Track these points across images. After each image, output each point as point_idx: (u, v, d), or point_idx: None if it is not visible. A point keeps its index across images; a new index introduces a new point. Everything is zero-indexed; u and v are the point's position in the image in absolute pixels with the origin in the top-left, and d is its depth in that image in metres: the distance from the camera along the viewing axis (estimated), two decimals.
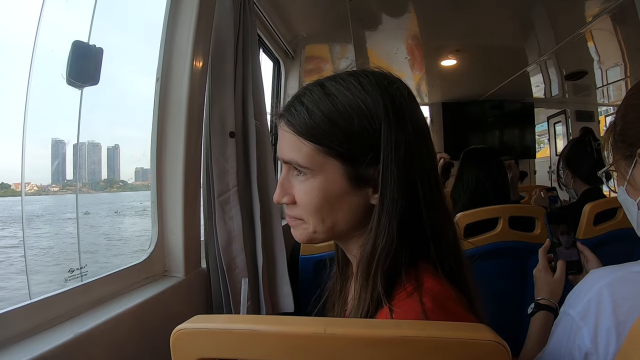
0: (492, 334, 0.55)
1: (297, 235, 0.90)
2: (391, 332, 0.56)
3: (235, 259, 1.76)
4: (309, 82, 0.88)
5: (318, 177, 0.81)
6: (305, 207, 0.84)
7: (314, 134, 0.80)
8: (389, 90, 0.81)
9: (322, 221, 0.84)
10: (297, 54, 3.47)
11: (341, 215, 0.83)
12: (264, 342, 0.60)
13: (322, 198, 0.82)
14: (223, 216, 1.75)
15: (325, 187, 0.81)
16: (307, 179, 0.83)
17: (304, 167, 0.82)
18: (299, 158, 0.82)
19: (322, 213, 0.83)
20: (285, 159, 0.85)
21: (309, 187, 0.83)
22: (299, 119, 0.82)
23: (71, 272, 1.31)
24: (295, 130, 0.82)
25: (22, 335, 1.05)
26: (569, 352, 0.90)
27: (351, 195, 0.82)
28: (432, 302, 0.70)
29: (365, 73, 0.84)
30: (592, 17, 3.08)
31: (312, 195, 0.82)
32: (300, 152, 0.82)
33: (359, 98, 0.80)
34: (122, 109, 5.16)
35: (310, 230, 0.86)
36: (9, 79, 1.66)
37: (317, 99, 0.82)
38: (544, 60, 4.15)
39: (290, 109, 0.84)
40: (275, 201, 0.88)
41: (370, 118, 0.79)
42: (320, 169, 0.81)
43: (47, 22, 1.28)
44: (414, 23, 3.27)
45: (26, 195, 3.15)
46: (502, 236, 2.02)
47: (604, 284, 0.86)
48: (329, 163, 0.80)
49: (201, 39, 1.65)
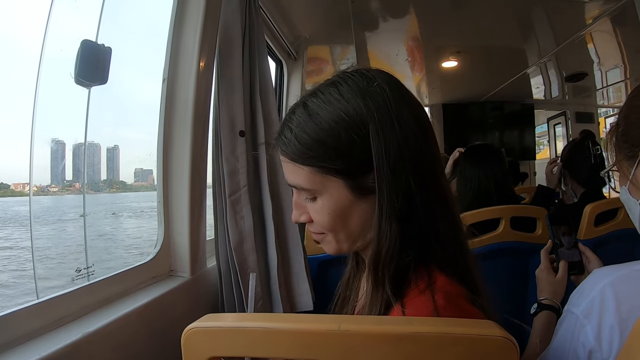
0: (501, 331, 0.56)
1: (327, 249, 0.91)
2: (403, 328, 0.57)
3: (247, 259, 1.75)
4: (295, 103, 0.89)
5: (323, 196, 0.84)
6: (320, 224, 0.86)
7: (307, 157, 0.82)
8: (369, 92, 0.81)
9: (339, 234, 0.86)
10: (300, 55, 3.47)
11: (355, 225, 0.85)
12: (277, 339, 0.61)
13: (332, 215, 0.83)
14: (234, 216, 1.75)
15: (332, 204, 0.83)
16: (314, 200, 0.85)
17: (307, 189, 0.84)
18: (301, 182, 0.84)
19: (337, 228, 0.85)
20: (290, 184, 0.88)
21: (318, 207, 0.85)
22: (290, 147, 0.84)
23: (78, 272, 1.31)
24: (290, 157, 0.84)
25: (29, 335, 1.05)
26: (574, 350, 0.91)
27: (359, 205, 0.83)
28: (444, 300, 0.71)
29: (344, 79, 0.84)
30: (593, 19, 3.09)
31: (322, 214, 0.84)
32: (300, 176, 0.84)
33: (340, 110, 0.80)
34: (123, 109, 5.15)
35: (333, 243, 0.88)
36: (16, 78, 1.66)
37: (302, 122, 0.83)
38: (544, 61, 4.15)
39: (281, 137, 0.86)
40: (294, 221, 0.91)
41: (355, 127, 0.79)
42: (323, 188, 0.83)
43: (56, 22, 1.28)
44: (415, 25, 3.28)
45: (24, 196, 3.15)
46: (503, 236, 2.02)
47: (607, 282, 0.87)
48: (329, 181, 0.82)
49: (207, 39, 1.65)
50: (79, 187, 3.03)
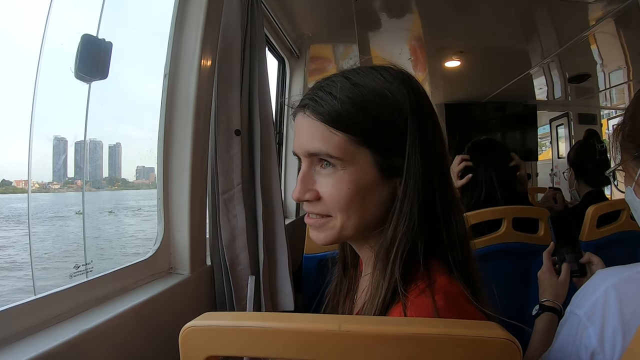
0: (503, 332, 0.56)
1: (323, 237, 0.86)
2: (403, 329, 0.57)
3: (239, 257, 1.76)
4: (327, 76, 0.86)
5: (348, 169, 0.80)
6: (333, 201, 0.81)
7: (346, 123, 0.79)
8: (411, 83, 0.82)
9: (352, 215, 0.82)
10: (302, 53, 3.47)
11: (370, 209, 0.82)
12: (276, 339, 0.60)
13: (353, 190, 0.80)
14: (227, 214, 1.75)
15: (357, 178, 0.80)
16: (336, 171, 0.81)
17: (335, 157, 0.80)
18: (329, 148, 0.79)
19: (353, 207, 0.81)
20: (311, 150, 0.82)
21: (338, 180, 0.80)
22: (328, 108, 0.80)
23: (77, 268, 1.30)
24: (324, 119, 0.80)
25: (26, 332, 1.04)
26: (576, 352, 0.91)
27: (380, 187, 0.81)
28: (444, 300, 0.70)
29: (386, 68, 0.84)
30: (596, 20, 3.08)
31: (342, 188, 0.80)
32: (330, 142, 0.80)
33: (385, 88, 0.80)
34: (125, 106, 5.14)
35: (337, 227, 0.83)
36: (17, 74, 1.66)
37: (344, 88, 0.80)
38: (547, 62, 4.15)
39: (316, 99, 0.82)
40: (296, 199, 0.85)
41: (397, 107, 0.79)
42: (352, 160, 0.79)
43: (56, 16, 1.28)
44: (418, 24, 3.27)
45: (24, 193, 3.14)
46: (505, 237, 2.02)
47: (610, 284, 0.87)
48: (360, 153, 0.79)
49: (209, 36, 1.65)
50: (80, 185, 3.02)
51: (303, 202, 0.86)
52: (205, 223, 1.75)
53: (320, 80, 0.86)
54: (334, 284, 1.06)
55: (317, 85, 0.85)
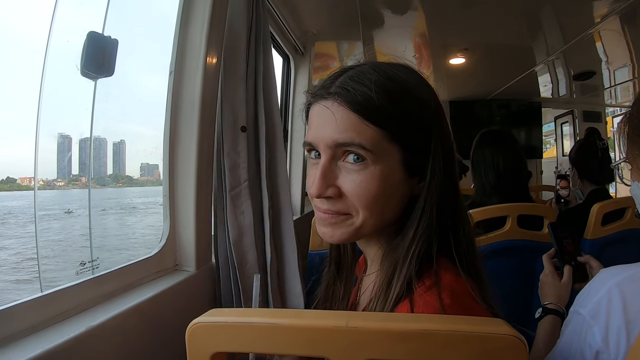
0: (510, 329, 0.56)
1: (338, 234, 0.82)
2: (411, 325, 0.57)
3: (247, 254, 1.75)
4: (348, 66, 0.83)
5: (379, 165, 0.77)
6: (360, 199, 0.77)
7: (380, 116, 0.75)
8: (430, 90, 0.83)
9: (375, 214, 0.79)
10: (307, 50, 3.46)
11: (392, 207, 0.81)
12: (283, 335, 0.60)
13: (381, 188, 0.77)
14: (234, 210, 1.75)
15: (386, 175, 0.77)
16: (366, 167, 0.77)
17: (368, 150, 0.76)
18: (363, 140, 0.75)
19: (378, 205, 0.78)
20: (341, 140, 0.77)
21: (367, 176, 0.77)
22: (363, 99, 0.76)
23: (82, 265, 1.31)
24: (358, 110, 0.76)
25: (33, 328, 1.05)
26: (580, 351, 0.91)
27: (403, 185, 0.80)
28: (451, 298, 0.70)
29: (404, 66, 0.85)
30: (601, 17, 3.07)
31: (371, 185, 0.77)
32: (363, 134, 0.76)
33: (412, 85, 0.80)
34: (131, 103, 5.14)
35: (357, 225, 0.80)
36: (22, 71, 1.66)
37: (378, 80, 0.77)
38: (552, 60, 4.13)
39: (348, 89, 0.77)
40: (316, 195, 0.79)
41: (426, 105, 0.79)
42: (382, 156, 0.77)
43: (62, 13, 1.28)
44: (423, 21, 3.27)
45: (26, 190, 3.15)
46: (510, 235, 2.02)
47: (614, 282, 0.87)
48: (391, 149, 0.77)
49: (214, 33, 1.65)
50: (85, 182, 3.03)
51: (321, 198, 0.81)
52: (211, 220, 1.75)
53: (345, 69, 0.82)
54: (325, 285, 1.03)
55: (344, 73, 0.81)
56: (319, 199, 0.81)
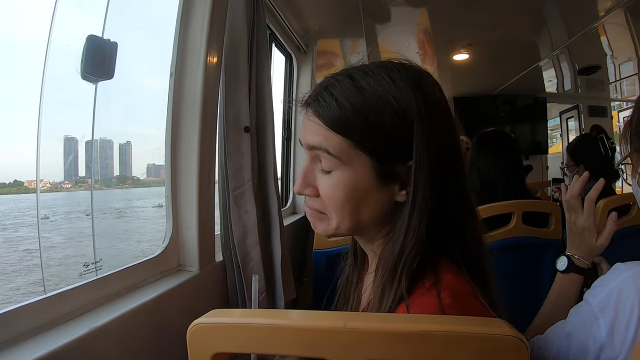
0: (511, 329, 0.55)
1: (320, 229, 0.88)
2: (411, 326, 0.56)
3: (250, 253, 1.76)
4: (335, 72, 0.85)
5: (345, 171, 0.80)
6: (329, 202, 0.83)
7: (344, 127, 0.79)
8: (421, 87, 0.80)
9: (346, 217, 0.82)
10: (310, 48, 3.45)
11: (366, 212, 0.82)
12: (282, 336, 0.60)
13: (348, 193, 0.80)
14: (238, 210, 1.76)
15: (353, 181, 0.80)
16: (334, 172, 0.81)
17: (333, 156, 0.79)
18: (329, 146, 0.79)
19: (347, 209, 0.81)
20: (311, 143, 0.83)
21: (335, 181, 0.81)
22: (329, 111, 0.80)
23: (86, 267, 1.31)
24: (324, 121, 0.80)
25: (37, 330, 1.05)
26: (583, 342, 0.90)
27: (377, 192, 0.81)
28: (451, 298, 0.69)
29: (396, 67, 0.82)
30: (606, 11, 3.05)
31: (338, 190, 0.81)
32: (329, 140, 0.80)
33: (390, 93, 0.78)
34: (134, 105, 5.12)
35: (332, 226, 0.84)
36: (22, 73, 1.67)
37: (347, 91, 0.80)
38: (557, 54, 4.11)
39: (319, 99, 0.82)
40: (297, 192, 0.86)
41: (402, 114, 0.77)
42: (349, 162, 0.79)
43: (61, 17, 1.28)
44: (426, 17, 3.26)
45: (34, 193, 3.17)
46: (515, 232, 2.01)
47: (626, 276, 0.87)
48: (358, 157, 0.79)
49: (214, 34, 1.65)
50: (91, 184, 3.04)
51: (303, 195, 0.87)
52: (214, 220, 1.75)
53: (328, 77, 0.85)
54: (346, 274, 1.05)
55: (323, 82, 0.84)
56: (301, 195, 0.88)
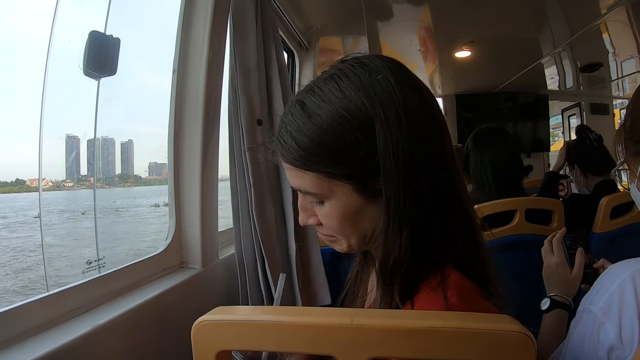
0: (518, 325, 0.55)
1: (337, 249, 0.89)
2: (418, 323, 0.56)
3: (274, 249, 1.76)
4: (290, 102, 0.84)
5: (331, 201, 0.80)
6: (330, 229, 0.84)
7: (310, 163, 0.77)
8: (372, 86, 0.75)
9: (351, 237, 0.83)
10: (312, 45, 3.45)
11: (367, 226, 0.81)
12: (288, 333, 0.60)
13: (341, 219, 0.80)
14: (259, 205, 1.75)
15: (340, 208, 0.79)
16: (322, 205, 0.82)
17: (313, 194, 0.80)
18: (306, 186, 0.80)
19: (347, 231, 0.82)
20: (294, 186, 0.84)
21: (326, 212, 0.82)
22: (291, 152, 0.79)
23: (89, 264, 1.31)
24: (292, 164, 0.80)
25: (40, 327, 1.05)
26: (593, 349, 0.89)
27: (370, 208, 0.79)
28: (458, 296, 0.69)
29: (344, 72, 0.78)
30: (608, 8, 3.05)
31: (331, 219, 0.81)
32: (304, 180, 0.80)
33: (341, 108, 0.74)
34: (138, 102, 5.10)
35: (345, 245, 0.86)
36: (24, 71, 1.67)
37: (301, 125, 0.78)
38: (559, 52, 4.11)
39: (280, 142, 0.81)
40: (302, 224, 0.89)
41: (360, 127, 0.74)
42: (330, 193, 0.79)
43: (64, 13, 1.28)
44: (428, 14, 3.25)
45: (35, 192, 3.17)
46: (518, 229, 2.01)
47: (625, 276, 0.86)
48: (337, 185, 0.78)
49: (217, 28, 1.65)
50: (93, 182, 3.05)
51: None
52: (217, 217, 1.75)
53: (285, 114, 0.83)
54: (355, 270, 1.04)
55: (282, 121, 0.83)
56: None
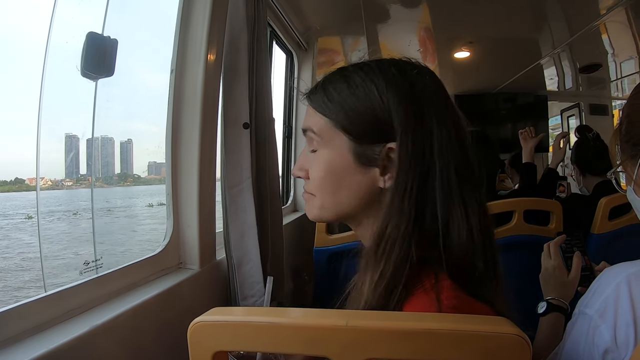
0: (514, 328, 0.55)
1: (308, 211, 0.92)
2: (413, 325, 0.56)
3: (249, 252, 1.76)
4: None
5: (326, 149, 0.85)
6: (312, 180, 0.87)
7: (326, 108, 0.85)
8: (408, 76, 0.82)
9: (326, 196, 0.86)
10: (310, 46, 3.46)
11: (345, 194, 0.84)
12: (284, 334, 0.60)
13: (327, 172, 0.85)
14: (236, 208, 1.76)
15: (331, 159, 0.84)
16: (318, 152, 0.86)
17: (315, 133, 0.86)
18: (312, 125, 0.86)
19: (327, 187, 0.85)
20: (304, 127, 0.90)
21: (317, 160, 0.86)
22: (317, 95, 0.87)
23: (86, 265, 1.31)
24: (313, 105, 0.88)
25: (38, 328, 1.05)
26: (588, 352, 0.89)
27: (357, 174, 0.82)
28: (452, 299, 0.69)
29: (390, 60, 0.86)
30: (607, 9, 3.05)
31: (319, 168, 0.86)
32: (313, 119, 0.87)
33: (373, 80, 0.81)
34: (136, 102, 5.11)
35: (317, 205, 0.88)
36: (23, 71, 1.67)
37: (333, 78, 0.87)
38: (558, 52, 4.10)
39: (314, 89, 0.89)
40: (293, 174, 0.94)
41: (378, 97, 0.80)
42: (329, 141, 0.84)
43: (61, 14, 1.28)
44: (427, 15, 3.25)
45: (34, 191, 3.18)
46: (517, 230, 2.01)
47: (621, 279, 0.86)
48: (337, 137, 0.83)
49: (215, 30, 1.65)
50: (92, 182, 3.05)
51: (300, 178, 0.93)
52: (215, 217, 1.75)
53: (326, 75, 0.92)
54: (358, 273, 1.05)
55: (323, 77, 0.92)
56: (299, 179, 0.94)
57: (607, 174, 1.04)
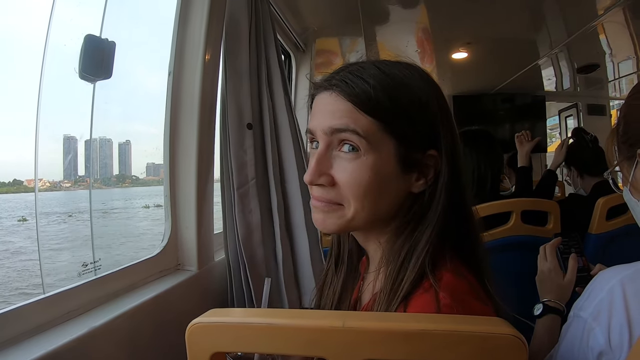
0: (510, 328, 0.55)
1: (330, 224, 0.82)
2: (410, 325, 0.56)
3: (256, 253, 1.75)
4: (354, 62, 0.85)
5: (372, 155, 0.78)
6: (350, 189, 0.78)
7: (376, 108, 0.77)
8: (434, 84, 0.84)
9: (366, 205, 0.79)
10: (308, 47, 3.46)
11: (385, 202, 0.81)
12: (281, 335, 0.60)
13: (373, 178, 0.77)
14: (242, 209, 1.75)
15: (378, 166, 0.78)
16: (358, 156, 0.78)
17: (361, 137, 0.77)
18: (357, 126, 0.77)
19: (369, 197, 0.78)
20: (336, 125, 0.79)
21: (359, 166, 0.78)
22: (359, 91, 0.78)
23: (85, 266, 1.31)
24: (354, 100, 0.78)
25: (36, 330, 1.06)
26: (583, 355, 0.90)
27: (398, 181, 0.80)
28: (450, 298, 0.70)
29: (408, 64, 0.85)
30: (605, 9, 3.05)
31: (362, 175, 0.77)
32: (358, 121, 0.77)
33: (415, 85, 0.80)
34: (135, 104, 5.12)
35: (348, 217, 0.80)
36: (21, 74, 1.67)
37: (376, 75, 0.79)
38: (556, 53, 4.10)
39: (346, 81, 0.79)
40: (309, 181, 0.81)
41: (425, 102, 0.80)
42: (377, 146, 0.78)
43: (59, 17, 1.28)
44: (425, 15, 3.25)
45: (32, 193, 3.18)
46: (514, 230, 2.01)
47: (615, 282, 0.87)
48: (386, 141, 0.78)
49: (213, 31, 1.65)
50: (90, 183, 3.05)
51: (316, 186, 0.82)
52: (213, 219, 1.75)
53: (348, 65, 0.84)
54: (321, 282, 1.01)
55: (346, 69, 0.83)
56: (313, 186, 0.83)
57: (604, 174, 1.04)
